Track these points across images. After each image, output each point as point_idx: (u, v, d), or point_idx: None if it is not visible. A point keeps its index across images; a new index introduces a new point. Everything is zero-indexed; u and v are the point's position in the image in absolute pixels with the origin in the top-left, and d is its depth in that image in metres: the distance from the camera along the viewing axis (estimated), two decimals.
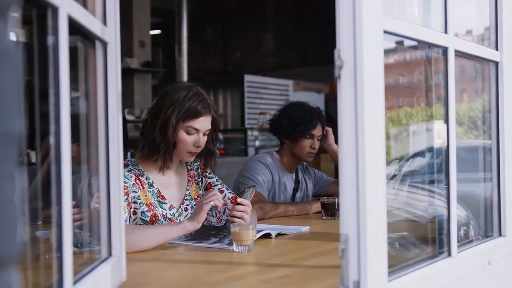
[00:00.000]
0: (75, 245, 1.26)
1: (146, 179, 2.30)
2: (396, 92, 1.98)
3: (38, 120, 1.09)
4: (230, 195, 2.45)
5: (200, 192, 2.46)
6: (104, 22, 1.39)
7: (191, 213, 2.37)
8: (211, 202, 2.06)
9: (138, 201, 2.21)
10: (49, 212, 1.12)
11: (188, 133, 2.27)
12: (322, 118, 3.17)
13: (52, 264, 1.11)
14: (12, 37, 0.63)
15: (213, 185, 2.48)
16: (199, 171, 2.49)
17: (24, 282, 0.81)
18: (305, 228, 2.45)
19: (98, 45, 1.38)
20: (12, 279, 0.62)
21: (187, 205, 2.40)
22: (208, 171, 2.51)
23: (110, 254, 1.42)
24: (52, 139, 1.05)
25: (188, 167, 2.48)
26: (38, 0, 0.96)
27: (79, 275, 1.20)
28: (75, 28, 1.14)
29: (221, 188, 2.47)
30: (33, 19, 1.07)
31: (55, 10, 1.02)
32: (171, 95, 2.26)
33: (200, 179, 2.49)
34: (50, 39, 1.04)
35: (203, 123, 2.29)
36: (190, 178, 2.45)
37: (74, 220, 1.15)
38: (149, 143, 2.28)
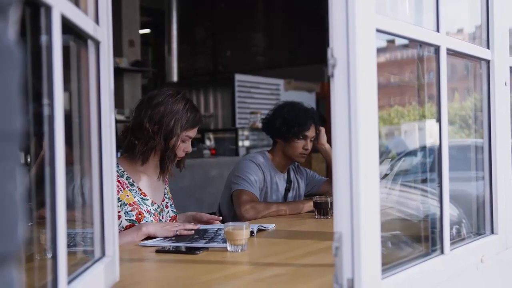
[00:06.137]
0: (68, 245, 1.26)
1: (126, 179, 2.38)
2: (387, 91, 1.98)
3: (30, 121, 1.08)
4: (172, 214, 2.56)
5: (170, 195, 2.62)
6: (97, 21, 1.39)
7: (171, 210, 2.54)
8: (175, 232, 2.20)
9: (119, 203, 2.25)
10: (41, 213, 1.12)
11: (183, 141, 2.40)
12: (316, 119, 3.17)
13: (44, 264, 1.11)
14: (12, 36, 0.63)
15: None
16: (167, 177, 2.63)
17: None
18: (271, 226, 2.46)
19: (90, 44, 1.37)
20: (13, 277, 0.62)
21: (166, 202, 2.54)
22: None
23: (103, 254, 1.41)
24: (45, 140, 1.04)
25: None
26: None
27: (73, 275, 1.19)
28: (67, 27, 1.13)
29: (171, 202, 2.61)
30: (26, 17, 1.06)
31: (48, 9, 1.01)
32: (170, 105, 2.36)
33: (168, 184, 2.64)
34: (43, 38, 1.03)
35: (196, 131, 2.46)
36: (166, 180, 2.58)
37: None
38: (149, 150, 2.36)
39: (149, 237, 2.17)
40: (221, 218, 2.58)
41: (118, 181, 2.32)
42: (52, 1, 1.02)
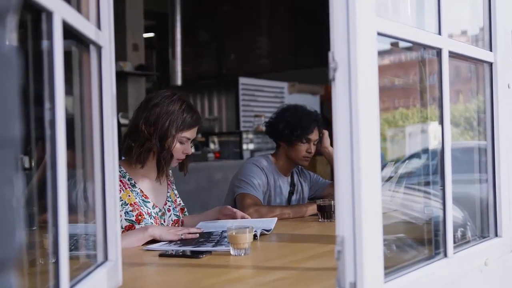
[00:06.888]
0: (70, 249, 1.26)
1: (129, 180, 2.39)
2: (392, 94, 1.98)
3: (32, 125, 1.08)
4: (174, 218, 2.55)
5: (176, 197, 2.61)
6: (98, 26, 1.39)
7: (173, 214, 2.53)
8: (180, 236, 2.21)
9: (120, 202, 2.27)
10: (44, 218, 1.12)
11: (181, 142, 2.40)
12: (319, 122, 3.17)
13: (47, 269, 1.11)
14: (11, 42, 0.63)
15: (176, 196, 2.63)
16: (172, 178, 2.64)
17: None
18: (273, 220, 2.51)
19: (92, 49, 1.37)
20: (11, 282, 0.62)
21: (169, 206, 2.53)
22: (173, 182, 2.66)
23: (106, 258, 1.41)
24: (46, 144, 1.04)
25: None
26: (33, 4, 0.96)
27: (76, 279, 1.19)
28: (69, 32, 1.14)
29: (174, 206, 2.58)
30: (27, 23, 1.07)
31: (49, 14, 1.02)
32: (166, 106, 2.37)
33: (174, 186, 2.64)
34: (44, 44, 1.04)
35: (194, 132, 2.45)
36: (169, 182, 2.59)
37: None
38: (146, 151, 2.36)
39: (153, 240, 2.17)
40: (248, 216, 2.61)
41: (120, 181, 2.33)
42: (53, 6, 1.02)
